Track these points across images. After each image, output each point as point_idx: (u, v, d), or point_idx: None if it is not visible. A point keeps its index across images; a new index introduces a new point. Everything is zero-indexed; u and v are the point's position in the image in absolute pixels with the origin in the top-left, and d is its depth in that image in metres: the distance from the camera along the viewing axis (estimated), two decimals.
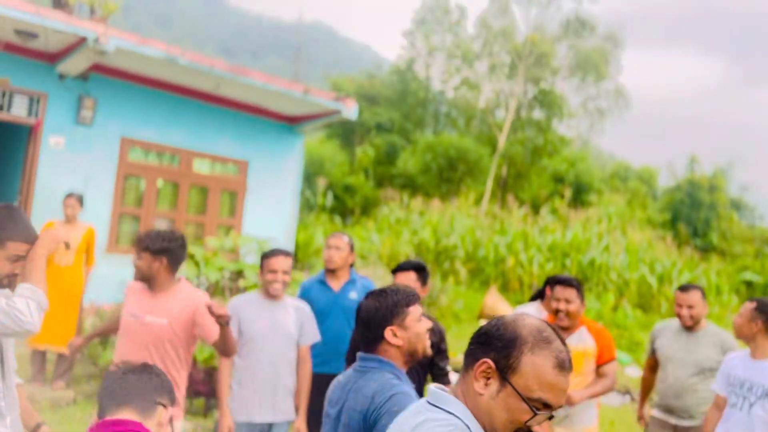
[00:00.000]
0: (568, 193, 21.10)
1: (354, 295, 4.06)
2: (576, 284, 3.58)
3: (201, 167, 8.46)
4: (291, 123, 9.09)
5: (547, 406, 1.34)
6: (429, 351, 2.19)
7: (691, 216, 26.66)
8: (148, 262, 3.11)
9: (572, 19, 29.43)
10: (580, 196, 24.42)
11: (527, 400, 1.32)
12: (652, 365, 4.19)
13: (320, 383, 3.89)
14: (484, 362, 1.37)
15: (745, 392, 3.23)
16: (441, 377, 3.43)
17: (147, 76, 7.75)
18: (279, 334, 3.50)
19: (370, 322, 2.13)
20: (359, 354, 2.19)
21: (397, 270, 3.49)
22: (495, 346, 1.38)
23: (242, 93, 8.08)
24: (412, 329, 2.11)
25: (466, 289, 14.11)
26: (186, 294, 3.16)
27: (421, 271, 3.46)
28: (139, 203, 7.93)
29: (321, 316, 3.93)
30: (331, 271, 4.10)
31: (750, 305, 3.32)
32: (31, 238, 2.21)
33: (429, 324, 2.19)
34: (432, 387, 1.46)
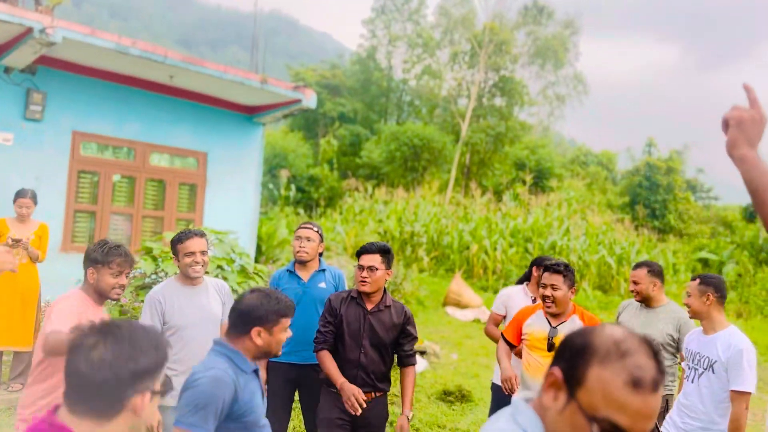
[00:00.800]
0: (529, 179, 21.43)
1: (323, 285, 4.04)
2: (563, 270, 3.50)
3: (159, 160, 8.30)
4: (250, 113, 8.99)
5: (617, 428, 1.15)
6: (279, 353, 2.38)
7: (649, 198, 27.36)
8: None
9: (530, 5, 29.76)
10: (541, 182, 24.82)
11: (592, 419, 1.16)
12: None
13: (290, 372, 3.90)
14: (551, 373, 1.24)
15: (695, 364, 3.38)
16: (406, 358, 3.48)
17: (99, 68, 7.56)
18: (206, 319, 3.45)
19: (245, 316, 2.26)
20: (215, 339, 2.34)
21: (362, 252, 3.49)
22: (565, 355, 1.24)
23: (198, 83, 7.95)
24: (276, 337, 2.29)
25: (431, 276, 14.24)
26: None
27: (385, 253, 3.48)
28: (94, 199, 7.74)
29: None
30: (300, 262, 4.08)
31: (694, 283, 3.41)
32: None
33: (290, 334, 2.37)
34: (514, 398, 1.38)
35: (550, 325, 3.54)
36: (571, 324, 3.55)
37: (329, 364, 3.33)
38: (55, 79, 7.29)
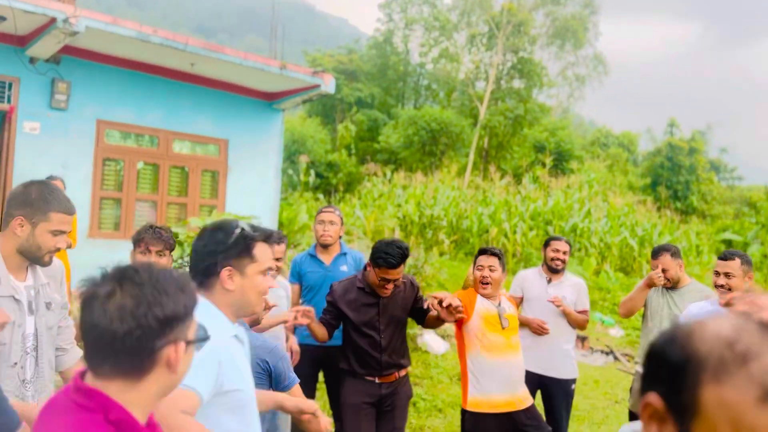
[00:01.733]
0: (549, 161, 21.26)
1: (345, 268, 4.10)
2: (498, 253, 3.60)
3: (181, 148, 8.41)
4: (269, 100, 9.04)
5: None
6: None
7: (671, 179, 27.00)
8: (168, 261, 3.07)
9: None
10: (561, 164, 24.59)
11: None
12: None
13: (311, 354, 3.98)
14: (648, 403, 0.87)
15: None
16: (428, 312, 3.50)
17: (120, 57, 7.66)
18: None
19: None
20: None
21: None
22: (661, 375, 0.88)
23: (218, 71, 8.02)
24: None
25: (451, 260, 14.26)
26: None
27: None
28: (119, 186, 7.88)
29: (313, 289, 4.03)
30: (323, 246, 4.13)
31: (735, 263, 3.27)
32: (71, 210, 2.24)
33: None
34: (623, 428, 1.22)
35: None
36: (505, 303, 3.63)
37: (318, 331, 3.36)
38: (78, 69, 7.41)
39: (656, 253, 4.00)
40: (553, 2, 29.33)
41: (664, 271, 3.90)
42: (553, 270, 4.31)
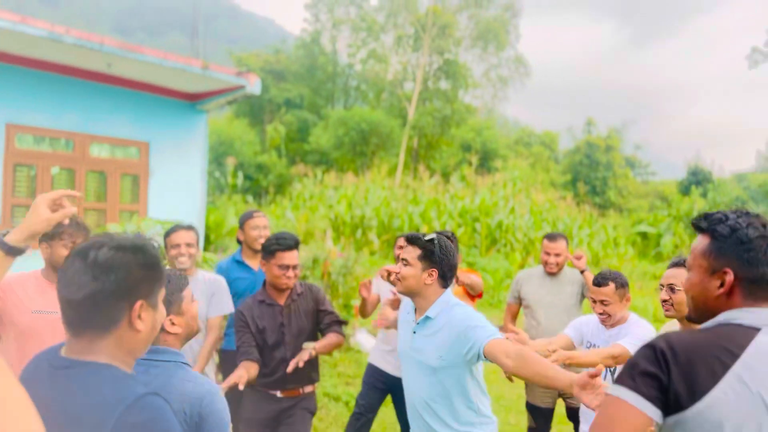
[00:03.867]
0: (475, 160, 21.83)
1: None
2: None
3: (99, 151, 8.10)
4: (192, 100, 8.85)
5: None
6: (200, 329, 2.04)
7: (590, 176, 28.32)
8: None
9: None
10: (486, 163, 25.32)
11: None
12: (515, 312, 4.34)
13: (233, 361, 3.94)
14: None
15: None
16: (326, 328, 3.37)
17: (32, 58, 7.29)
18: None
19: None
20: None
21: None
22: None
23: (138, 71, 7.77)
24: (189, 313, 1.96)
25: (382, 259, 14.41)
26: None
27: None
28: (32, 193, 7.51)
29: (241, 296, 3.89)
30: (253, 251, 4.01)
31: (609, 290, 3.05)
32: None
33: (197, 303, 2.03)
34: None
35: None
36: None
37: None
38: None
39: (554, 237, 4.11)
40: (476, 5, 30.11)
41: (557, 255, 4.05)
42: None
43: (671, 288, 2.72)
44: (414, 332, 2.55)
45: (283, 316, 3.27)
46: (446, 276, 2.53)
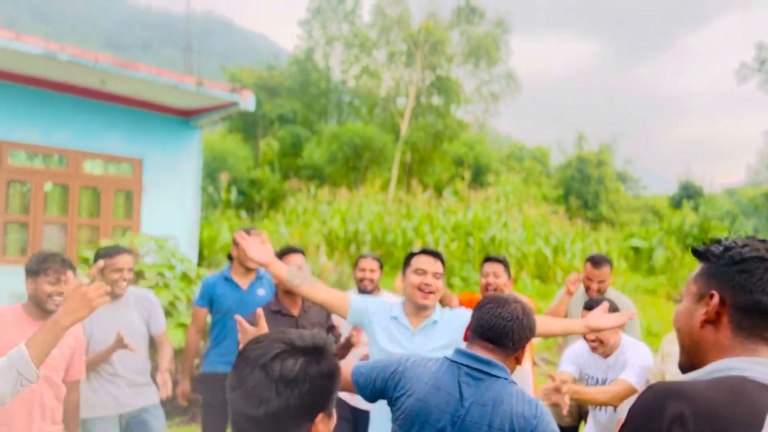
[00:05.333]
0: (468, 175, 21.94)
1: (262, 292, 3.97)
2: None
3: (92, 168, 8.10)
4: (186, 117, 8.87)
5: None
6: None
7: (582, 190, 28.48)
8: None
9: (462, 5, 30.38)
10: (479, 178, 25.44)
11: None
12: None
13: (223, 382, 3.87)
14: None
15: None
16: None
17: (26, 75, 7.31)
18: (126, 334, 3.32)
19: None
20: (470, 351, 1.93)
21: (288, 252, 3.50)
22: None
23: (131, 88, 7.80)
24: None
25: None
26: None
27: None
28: (26, 209, 7.49)
29: (227, 314, 3.85)
30: (245, 268, 3.97)
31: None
32: None
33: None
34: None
35: None
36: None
37: None
38: None
39: (599, 262, 3.99)
40: (468, 22, 30.41)
41: (601, 282, 3.92)
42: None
43: None
44: (413, 335, 2.63)
45: (298, 327, 3.26)
46: None
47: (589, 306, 3.12)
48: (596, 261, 3.95)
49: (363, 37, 30.94)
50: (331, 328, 3.47)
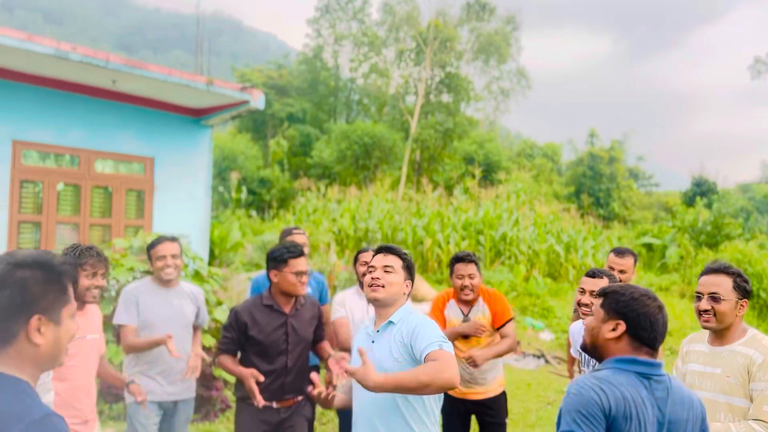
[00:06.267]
0: (478, 172, 21.84)
1: (308, 289, 4.05)
2: (474, 259, 3.71)
3: (103, 167, 8.13)
4: (197, 116, 8.89)
5: None
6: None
7: (593, 187, 28.28)
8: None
9: (472, 2, 30.26)
10: (489, 175, 25.33)
11: None
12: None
13: None
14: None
15: None
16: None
17: (38, 75, 7.35)
18: (177, 321, 3.57)
19: None
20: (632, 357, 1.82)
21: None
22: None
23: (142, 87, 7.82)
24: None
25: None
26: (94, 307, 3.17)
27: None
28: (39, 209, 7.54)
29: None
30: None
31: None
32: None
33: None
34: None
35: (463, 314, 3.77)
36: (478, 306, 3.76)
37: (231, 364, 3.23)
38: None
39: (622, 252, 3.91)
40: (477, 18, 30.29)
41: (622, 272, 3.79)
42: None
43: (714, 297, 2.47)
44: (373, 342, 2.49)
45: (288, 325, 3.29)
46: (410, 290, 2.57)
47: (592, 274, 3.09)
48: (620, 251, 3.92)
49: (372, 36, 30.91)
50: (320, 327, 3.49)
